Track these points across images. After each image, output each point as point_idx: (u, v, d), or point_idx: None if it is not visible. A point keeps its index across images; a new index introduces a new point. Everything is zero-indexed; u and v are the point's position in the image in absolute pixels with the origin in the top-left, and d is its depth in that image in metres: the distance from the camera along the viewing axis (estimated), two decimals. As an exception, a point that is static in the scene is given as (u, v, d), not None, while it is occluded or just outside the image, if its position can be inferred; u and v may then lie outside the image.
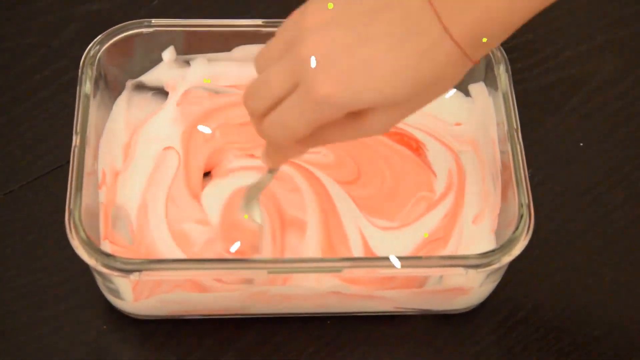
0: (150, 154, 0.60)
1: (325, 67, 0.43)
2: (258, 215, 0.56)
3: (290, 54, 0.44)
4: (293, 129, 0.45)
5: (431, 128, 0.63)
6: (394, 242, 0.58)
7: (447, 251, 0.58)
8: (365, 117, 0.45)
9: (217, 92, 0.63)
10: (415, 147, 0.62)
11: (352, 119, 0.45)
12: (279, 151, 0.49)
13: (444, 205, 0.60)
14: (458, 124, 0.63)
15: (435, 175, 0.61)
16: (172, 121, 0.61)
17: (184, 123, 0.61)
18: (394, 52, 0.43)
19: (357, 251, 0.57)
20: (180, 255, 0.56)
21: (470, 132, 0.62)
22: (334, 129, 0.46)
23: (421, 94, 0.45)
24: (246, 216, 0.55)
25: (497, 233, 0.58)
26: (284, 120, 0.45)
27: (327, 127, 0.46)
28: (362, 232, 0.58)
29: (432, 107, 0.61)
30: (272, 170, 0.53)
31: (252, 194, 0.55)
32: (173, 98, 0.62)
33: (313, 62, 0.43)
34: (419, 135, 0.63)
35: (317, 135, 0.46)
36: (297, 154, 0.50)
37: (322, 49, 0.43)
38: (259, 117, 0.46)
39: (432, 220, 0.59)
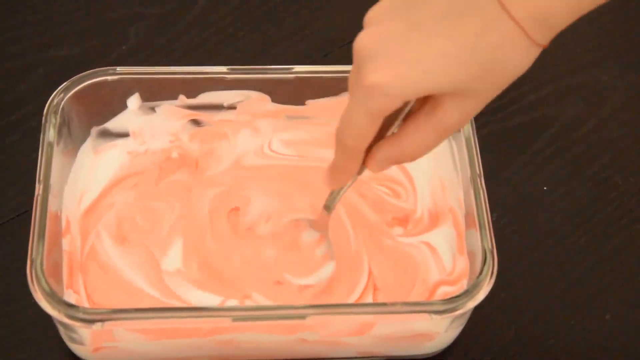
0: None
1: (374, 56, 0.43)
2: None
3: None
4: (356, 124, 0.45)
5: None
6: None
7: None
8: (438, 108, 0.44)
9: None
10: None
11: (425, 114, 0.45)
12: (351, 157, 0.47)
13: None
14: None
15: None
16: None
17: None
18: (446, 34, 0.42)
19: None
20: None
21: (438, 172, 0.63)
22: (410, 129, 0.46)
23: (485, 78, 0.43)
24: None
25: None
26: (347, 117, 0.45)
27: (403, 130, 0.46)
28: None
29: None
30: (333, 192, 0.54)
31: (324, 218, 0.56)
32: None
33: (363, 53, 0.43)
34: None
35: (394, 142, 0.46)
36: (372, 165, 0.48)
37: (374, 39, 0.43)
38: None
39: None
